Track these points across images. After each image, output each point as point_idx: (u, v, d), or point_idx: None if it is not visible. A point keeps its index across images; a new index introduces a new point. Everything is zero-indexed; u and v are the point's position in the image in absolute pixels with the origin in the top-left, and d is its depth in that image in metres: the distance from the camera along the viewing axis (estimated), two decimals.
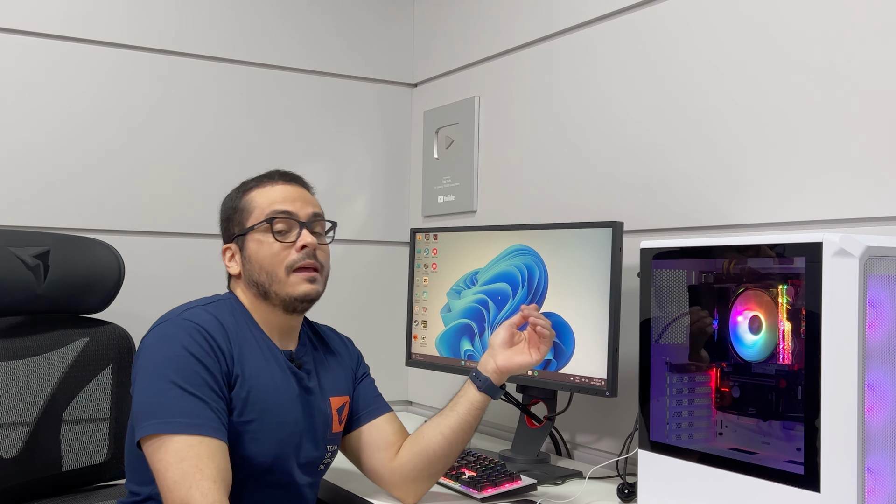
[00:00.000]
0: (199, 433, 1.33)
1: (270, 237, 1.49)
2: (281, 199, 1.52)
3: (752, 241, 1.37)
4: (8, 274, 1.67)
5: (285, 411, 1.48)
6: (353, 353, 1.70)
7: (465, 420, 1.56)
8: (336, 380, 1.61)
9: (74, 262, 1.76)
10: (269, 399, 1.46)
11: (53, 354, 1.74)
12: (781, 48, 1.63)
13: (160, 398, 1.36)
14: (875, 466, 1.22)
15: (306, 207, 1.54)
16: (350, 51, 2.60)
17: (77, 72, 2.18)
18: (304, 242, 1.49)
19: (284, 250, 1.49)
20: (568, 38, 2.12)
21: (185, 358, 1.38)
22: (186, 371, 1.37)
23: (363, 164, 2.64)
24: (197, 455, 1.31)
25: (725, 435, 1.45)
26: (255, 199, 1.54)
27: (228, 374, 1.42)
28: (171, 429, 1.33)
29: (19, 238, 1.72)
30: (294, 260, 1.49)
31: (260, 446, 1.44)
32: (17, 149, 2.10)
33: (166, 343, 1.40)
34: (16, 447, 1.65)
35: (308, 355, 1.58)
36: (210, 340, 1.41)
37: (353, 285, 2.59)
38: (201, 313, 1.46)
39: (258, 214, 1.52)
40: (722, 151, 1.73)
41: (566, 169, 2.11)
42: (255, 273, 1.50)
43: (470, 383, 1.58)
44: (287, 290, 1.49)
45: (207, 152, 2.35)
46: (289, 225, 1.51)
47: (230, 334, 1.46)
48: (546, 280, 1.89)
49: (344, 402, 1.60)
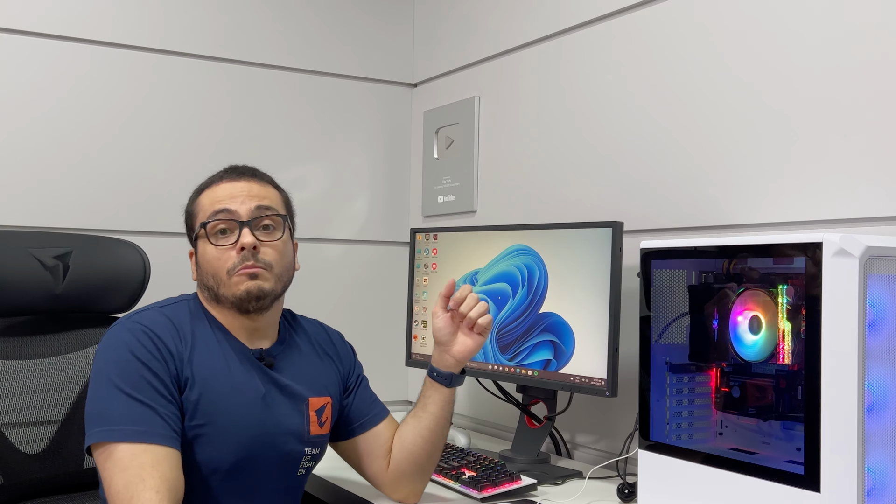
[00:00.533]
0: (144, 441, 1.29)
1: (209, 242, 1.44)
2: (221, 199, 1.45)
3: (752, 241, 1.37)
4: (24, 274, 1.67)
5: (245, 414, 1.42)
6: (345, 351, 1.64)
7: (441, 416, 1.54)
8: (317, 379, 1.54)
9: (98, 263, 1.77)
10: (225, 402, 1.40)
11: (81, 353, 1.74)
12: (781, 48, 1.63)
13: (105, 404, 1.32)
14: (875, 466, 1.22)
15: (249, 202, 1.45)
16: (350, 51, 2.60)
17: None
18: (241, 244, 1.42)
19: (225, 253, 1.43)
20: (568, 38, 2.12)
21: (130, 362, 1.34)
22: (132, 376, 1.33)
23: (363, 164, 2.64)
24: (140, 465, 1.27)
25: (725, 435, 1.45)
26: (202, 200, 1.48)
27: (178, 377, 1.37)
28: (114, 437, 1.29)
29: (39, 239, 1.73)
30: (234, 263, 1.42)
31: (217, 451, 1.39)
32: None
33: (113, 347, 1.37)
34: (41, 445, 1.65)
35: (284, 354, 1.52)
36: (157, 343, 1.37)
37: (353, 285, 2.59)
38: (153, 315, 1.42)
39: (200, 217, 1.47)
40: (722, 151, 1.73)
41: (566, 169, 2.11)
42: (205, 277, 1.46)
43: (434, 382, 1.54)
44: (231, 290, 1.42)
45: (208, 152, 2.35)
46: (229, 225, 1.44)
47: (183, 335, 1.41)
48: (546, 280, 1.89)
49: (324, 402, 1.53)
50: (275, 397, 1.46)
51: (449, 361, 1.53)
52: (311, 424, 1.50)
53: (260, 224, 1.45)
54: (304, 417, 1.49)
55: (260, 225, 1.45)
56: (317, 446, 1.52)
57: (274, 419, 1.45)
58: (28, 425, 1.65)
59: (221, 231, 1.44)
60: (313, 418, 1.51)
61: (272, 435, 1.44)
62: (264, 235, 1.45)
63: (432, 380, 1.55)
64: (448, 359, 1.53)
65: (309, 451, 1.50)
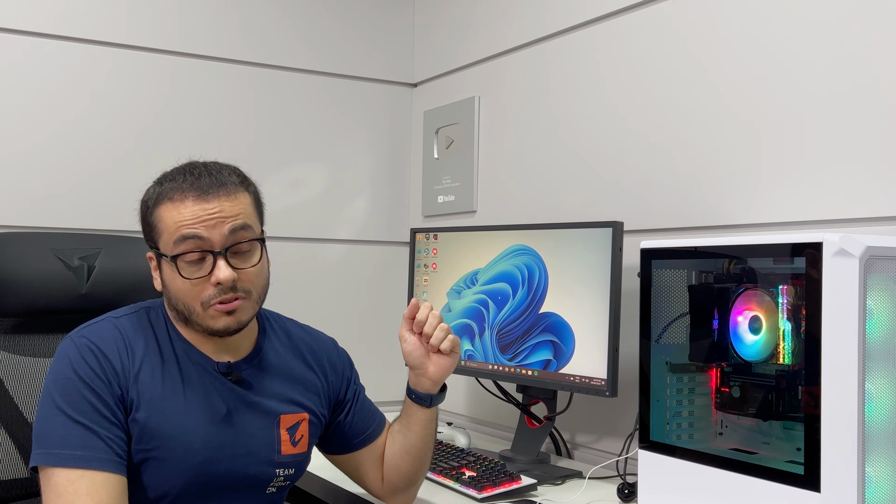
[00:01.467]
0: (82, 466, 1.22)
1: (178, 275, 1.29)
2: (188, 222, 1.28)
3: (752, 241, 1.37)
4: (47, 275, 1.69)
5: (200, 435, 1.31)
6: (338, 361, 1.54)
7: (425, 434, 1.49)
8: (292, 394, 1.43)
9: (126, 263, 1.78)
10: (176, 423, 1.30)
11: None
12: (782, 47, 1.63)
13: (47, 426, 1.26)
14: (875, 466, 1.22)
15: (221, 226, 1.28)
16: (350, 51, 2.60)
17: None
18: (216, 279, 1.28)
19: (198, 285, 1.29)
20: (568, 38, 2.12)
21: (72, 382, 1.26)
22: (74, 397, 1.25)
23: (363, 164, 2.64)
24: (75, 491, 1.21)
25: (725, 435, 1.45)
26: (164, 216, 1.31)
27: (123, 398, 1.28)
28: (51, 461, 1.23)
29: (64, 240, 1.75)
30: (210, 296, 1.29)
31: (166, 476, 1.30)
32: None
33: (59, 364, 1.29)
34: None
35: (257, 367, 1.41)
36: (102, 361, 1.28)
37: (353, 285, 2.59)
38: (103, 328, 1.33)
39: (166, 240, 1.30)
40: (722, 151, 1.73)
41: (566, 169, 2.11)
42: (173, 300, 1.33)
43: (414, 404, 1.48)
44: (206, 322, 1.31)
45: (208, 153, 2.35)
46: (200, 255, 1.29)
47: (134, 352, 1.31)
48: (546, 280, 1.89)
49: (299, 419, 1.42)
50: (240, 416, 1.36)
51: (426, 384, 1.47)
52: (281, 444, 1.39)
53: (235, 251, 1.31)
54: (275, 436, 1.39)
55: (235, 252, 1.31)
56: (290, 466, 1.41)
57: (235, 439, 1.35)
58: None
59: (191, 262, 1.29)
60: (285, 437, 1.40)
61: (233, 457, 1.34)
62: (241, 261, 1.32)
63: (412, 402, 1.49)
64: (424, 381, 1.47)
65: (281, 471, 1.40)
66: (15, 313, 1.69)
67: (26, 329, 1.69)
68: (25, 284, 1.67)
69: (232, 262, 1.30)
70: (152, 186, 1.37)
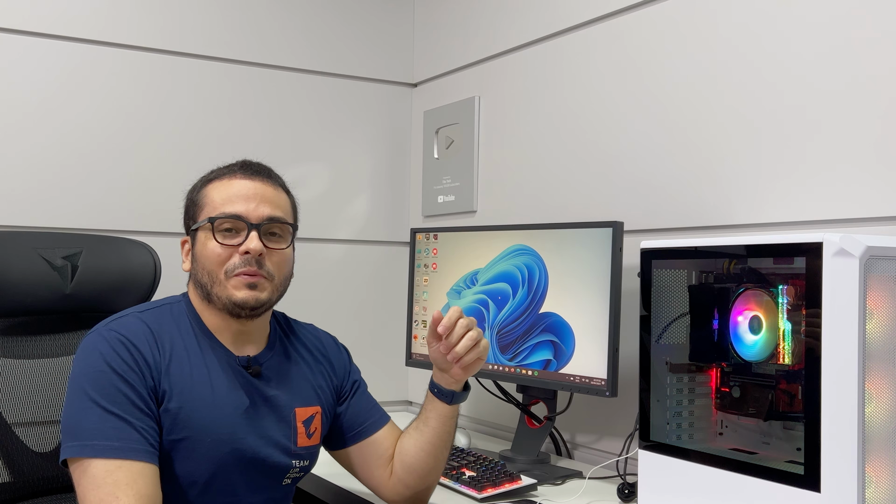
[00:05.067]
0: (119, 457, 1.24)
1: (213, 238, 1.37)
2: (234, 197, 1.39)
3: (752, 241, 1.37)
4: (32, 275, 1.68)
5: (226, 426, 1.36)
6: (338, 357, 1.58)
7: (443, 431, 1.48)
8: (306, 388, 1.49)
9: (109, 262, 1.77)
10: (205, 414, 1.35)
11: None
12: (781, 47, 1.63)
13: (80, 418, 1.28)
14: (875, 466, 1.22)
15: (261, 208, 1.39)
16: (350, 51, 2.60)
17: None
18: (245, 248, 1.36)
19: (226, 252, 1.37)
20: (568, 38, 2.12)
21: (105, 374, 1.29)
22: (107, 388, 1.28)
23: (363, 164, 2.64)
24: (114, 482, 1.23)
25: (725, 435, 1.45)
26: (211, 193, 1.41)
27: (155, 389, 1.32)
28: (88, 452, 1.25)
29: (48, 239, 1.74)
30: (235, 264, 1.36)
31: (195, 464, 1.34)
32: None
33: (89, 357, 1.32)
34: (51, 444, 1.66)
35: (273, 361, 1.46)
36: (134, 353, 1.32)
37: (353, 285, 2.59)
38: (131, 322, 1.36)
39: (209, 210, 1.40)
40: (722, 151, 1.73)
41: (566, 169, 2.11)
42: (199, 273, 1.39)
43: (435, 398, 1.48)
44: (227, 292, 1.37)
45: (209, 153, 2.35)
46: (236, 225, 1.38)
47: (161, 345, 1.36)
48: (546, 280, 1.89)
49: (313, 412, 1.48)
50: (259, 408, 1.41)
51: (450, 380, 1.47)
52: (298, 436, 1.45)
53: (269, 230, 1.40)
54: (292, 429, 1.45)
55: (268, 231, 1.40)
56: (305, 458, 1.47)
57: (257, 431, 1.40)
58: (38, 424, 1.65)
59: (227, 229, 1.38)
60: (301, 429, 1.45)
61: (255, 448, 1.39)
62: (271, 242, 1.40)
63: (434, 395, 1.48)
64: (448, 378, 1.47)
65: (297, 462, 1.45)
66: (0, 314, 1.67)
67: (10, 331, 1.68)
68: (11, 285, 1.66)
69: (264, 240, 1.39)
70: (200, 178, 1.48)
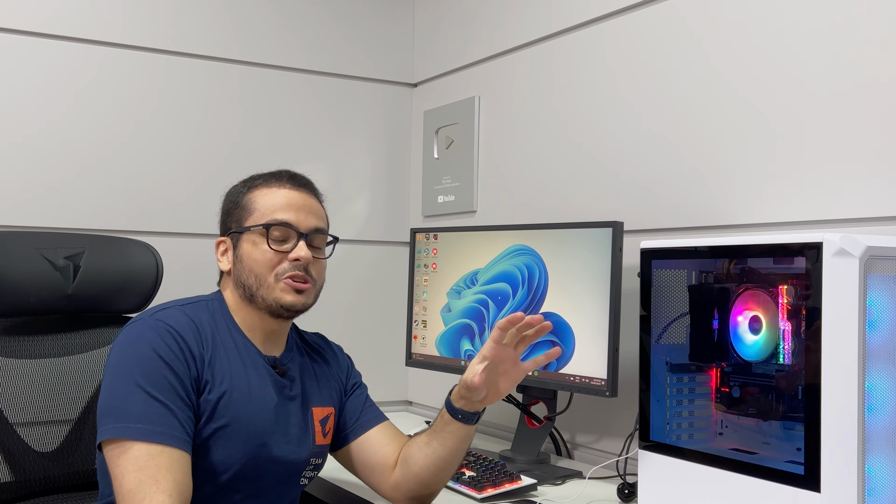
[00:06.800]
0: (161, 442, 1.28)
1: (265, 243, 1.44)
2: (284, 206, 1.47)
3: (752, 241, 1.37)
4: (34, 275, 1.68)
5: (257, 420, 1.41)
6: (342, 361, 1.64)
7: (454, 447, 1.47)
8: (321, 390, 1.55)
9: (111, 263, 1.78)
10: (241, 406, 1.39)
11: (95, 353, 1.75)
12: (782, 48, 1.63)
13: (124, 401, 1.31)
14: (875, 466, 1.22)
15: (309, 219, 1.48)
16: (350, 51, 2.60)
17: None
18: (297, 255, 1.44)
19: (277, 257, 1.44)
20: (568, 37, 2.12)
21: (153, 361, 1.33)
22: (154, 374, 1.32)
23: (363, 164, 2.64)
24: (156, 465, 1.26)
25: (725, 435, 1.45)
26: (258, 199, 1.48)
27: (198, 380, 1.37)
28: (131, 434, 1.28)
29: (50, 239, 1.74)
30: (284, 269, 1.43)
31: (226, 455, 1.38)
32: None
33: (136, 344, 1.35)
34: (54, 444, 1.67)
35: (294, 362, 1.52)
36: (181, 343, 1.36)
37: (353, 285, 2.59)
38: (176, 314, 1.40)
39: (258, 216, 1.46)
40: (722, 151, 1.73)
41: (566, 169, 2.11)
42: (245, 274, 1.45)
43: (456, 422, 1.46)
44: (274, 295, 1.43)
45: (209, 153, 2.36)
46: (286, 234, 1.45)
47: (205, 337, 1.41)
48: (546, 280, 1.89)
49: (328, 413, 1.54)
50: (285, 406, 1.46)
51: (461, 403, 1.45)
52: (315, 434, 1.51)
53: (312, 241, 1.48)
54: (311, 427, 1.50)
55: (313, 242, 1.48)
56: (319, 456, 1.53)
57: (283, 427, 1.45)
58: (41, 424, 1.66)
59: (278, 237, 1.45)
60: (318, 428, 1.51)
61: (281, 443, 1.44)
62: (315, 252, 1.48)
63: (452, 416, 1.46)
64: (477, 402, 1.45)
65: (313, 460, 1.51)
66: (1, 314, 1.68)
67: (13, 331, 1.68)
68: (13, 284, 1.66)
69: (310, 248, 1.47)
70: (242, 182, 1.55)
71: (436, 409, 2.48)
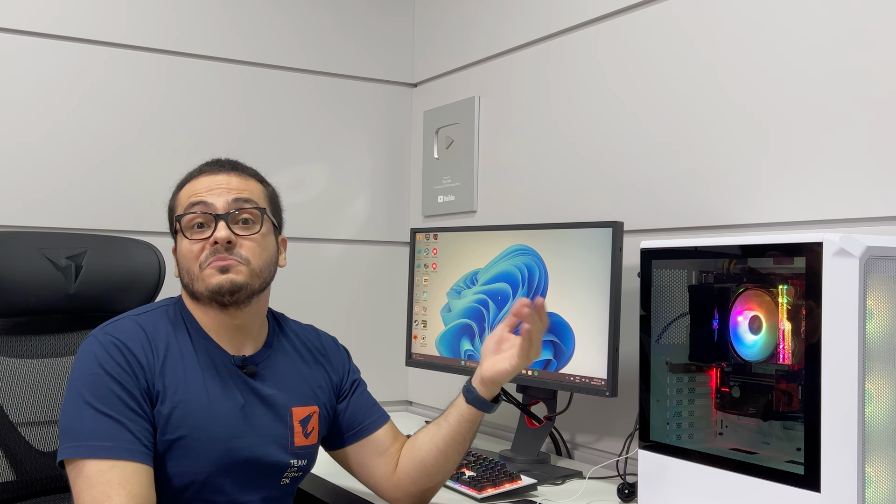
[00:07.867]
0: (111, 457, 1.26)
1: (184, 236, 1.40)
2: (199, 192, 1.41)
3: (752, 241, 1.37)
4: (36, 275, 1.68)
5: (219, 426, 1.37)
6: (338, 357, 1.59)
7: (458, 432, 1.46)
8: (303, 387, 1.49)
9: (113, 262, 1.77)
10: (198, 416, 1.36)
11: None
12: (780, 49, 1.63)
13: (76, 419, 1.30)
14: (875, 466, 1.22)
15: (226, 195, 1.40)
16: (350, 51, 2.60)
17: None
18: (215, 238, 1.37)
19: (198, 246, 1.39)
20: (568, 38, 2.12)
21: (99, 376, 1.31)
22: (101, 390, 1.30)
23: (363, 164, 2.64)
24: (107, 482, 1.24)
25: (725, 435, 1.45)
26: (181, 195, 1.44)
27: (149, 391, 1.34)
28: (82, 453, 1.27)
29: (52, 239, 1.74)
30: (206, 256, 1.38)
31: (190, 464, 1.35)
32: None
33: (83, 361, 1.34)
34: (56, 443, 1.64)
35: (270, 360, 1.47)
36: (128, 355, 1.33)
37: (353, 285, 2.60)
38: (127, 325, 1.38)
39: (178, 212, 1.43)
40: (722, 151, 1.73)
41: (566, 169, 2.11)
42: (182, 274, 1.43)
43: (465, 403, 1.47)
44: (204, 283, 1.38)
45: (210, 152, 2.34)
46: (206, 219, 1.39)
47: (155, 346, 1.37)
48: (546, 280, 1.89)
49: (310, 412, 1.48)
50: (255, 408, 1.42)
51: (476, 378, 1.46)
52: (295, 435, 1.46)
53: (238, 218, 1.40)
54: (288, 428, 1.45)
55: (238, 219, 1.40)
56: (303, 458, 1.47)
57: (253, 430, 1.41)
58: (43, 424, 1.66)
59: (198, 225, 1.40)
60: (298, 428, 1.46)
61: (250, 447, 1.40)
62: (242, 229, 1.40)
63: (462, 393, 1.48)
64: (477, 374, 1.46)
65: (295, 462, 1.46)
66: (3, 314, 1.68)
67: (15, 331, 1.68)
68: (15, 284, 1.66)
69: (233, 228, 1.40)
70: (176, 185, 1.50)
71: (436, 409, 2.48)
